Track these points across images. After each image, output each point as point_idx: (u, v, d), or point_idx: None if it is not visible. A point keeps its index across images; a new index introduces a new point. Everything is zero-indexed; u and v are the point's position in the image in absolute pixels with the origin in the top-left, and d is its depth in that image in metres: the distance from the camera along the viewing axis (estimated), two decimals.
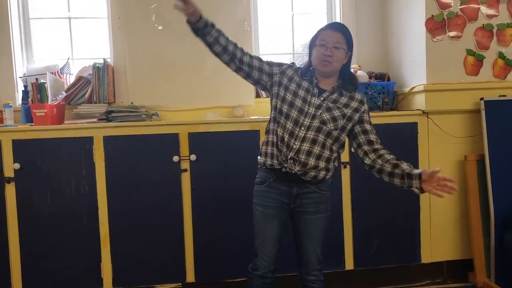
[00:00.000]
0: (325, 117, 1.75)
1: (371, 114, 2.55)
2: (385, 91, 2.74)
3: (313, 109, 1.75)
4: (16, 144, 2.32)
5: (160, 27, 2.79)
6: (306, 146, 1.73)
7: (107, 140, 2.37)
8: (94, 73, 2.68)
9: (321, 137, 1.74)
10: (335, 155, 1.82)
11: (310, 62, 1.84)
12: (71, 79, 2.80)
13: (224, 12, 2.80)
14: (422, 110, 2.58)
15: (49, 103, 2.54)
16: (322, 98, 1.78)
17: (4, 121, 2.45)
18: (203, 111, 2.78)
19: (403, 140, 2.58)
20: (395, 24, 2.92)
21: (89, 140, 2.36)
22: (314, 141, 1.74)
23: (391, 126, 2.55)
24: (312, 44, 1.83)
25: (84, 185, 2.37)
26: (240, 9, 2.84)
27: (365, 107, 1.84)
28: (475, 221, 2.58)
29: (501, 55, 2.62)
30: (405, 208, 2.60)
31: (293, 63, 1.89)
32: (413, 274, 2.65)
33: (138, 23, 2.77)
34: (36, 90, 2.60)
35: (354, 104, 1.80)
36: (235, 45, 1.80)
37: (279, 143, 1.76)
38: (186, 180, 2.42)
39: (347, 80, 1.82)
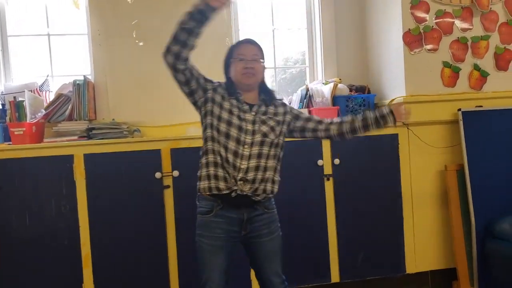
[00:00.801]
0: (265, 130, 1.74)
1: None
2: (366, 103, 2.78)
3: (250, 125, 1.73)
4: None
5: (141, 43, 2.79)
6: (253, 162, 1.70)
7: (88, 158, 2.34)
8: (75, 90, 2.64)
9: (265, 150, 1.73)
10: (279, 163, 1.81)
11: (230, 79, 1.81)
12: (51, 97, 2.76)
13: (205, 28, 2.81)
14: (402, 122, 2.61)
15: (27, 121, 2.50)
16: (253, 113, 1.76)
17: None
18: (185, 126, 2.77)
19: (384, 152, 2.61)
20: (374, 37, 2.98)
21: (70, 158, 2.33)
22: (259, 155, 1.72)
23: (372, 138, 2.58)
24: (228, 61, 1.82)
25: (65, 204, 2.33)
26: (221, 24, 2.86)
27: (288, 105, 1.90)
28: (457, 231, 2.62)
29: (476, 67, 2.69)
30: (388, 219, 2.62)
31: (219, 82, 1.83)
32: (398, 284, 2.67)
33: (119, 40, 2.76)
34: (14, 109, 2.54)
35: (280, 109, 1.84)
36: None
37: (224, 164, 1.70)
38: (169, 196, 2.40)
39: (267, 92, 1.84)
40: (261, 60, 1.80)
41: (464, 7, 2.66)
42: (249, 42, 1.82)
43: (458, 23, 2.66)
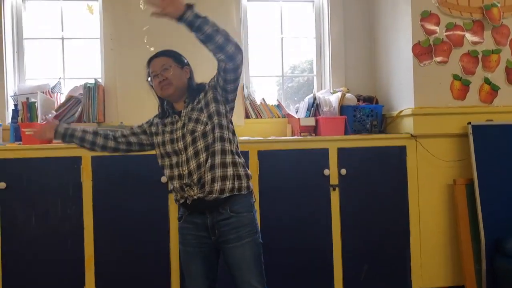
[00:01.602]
0: (190, 126, 1.68)
1: (360, 136, 2.61)
2: (373, 114, 2.76)
3: (180, 131, 1.71)
4: (3, 163, 2.30)
5: (152, 49, 2.83)
6: (192, 163, 1.66)
7: (95, 159, 2.36)
8: (85, 92, 2.69)
9: (199, 144, 1.66)
10: (229, 144, 1.69)
11: (160, 99, 1.80)
12: (62, 99, 2.81)
13: None
14: (411, 134, 2.59)
15: (38, 122, 2.54)
16: (183, 117, 1.72)
17: None
18: None
19: (392, 164, 2.58)
20: (383, 48, 2.98)
21: (78, 159, 2.35)
22: (196, 153, 1.66)
23: (380, 149, 2.56)
24: (150, 82, 1.78)
25: (71, 205, 2.34)
26: (230, 32, 2.87)
27: (205, 84, 1.78)
28: (465, 246, 2.56)
29: (487, 81, 2.66)
30: (395, 232, 2.58)
31: (155, 116, 1.87)
32: None
33: (130, 45, 2.81)
34: (26, 109, 2.60)
35: (201, 96, 1.74)
36: (103, 133, 1.87)
37: (174, 180, 1.72)
38: (172, 201, 2.38)
39: (191, 92, 1.76)
40: (175, 65, 1.73)
41: (475, 21, 2.65)
42: (155, 56, 1.77)
43: (469, 36, 2.65)
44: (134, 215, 2.37)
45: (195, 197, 1.66)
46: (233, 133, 1.77)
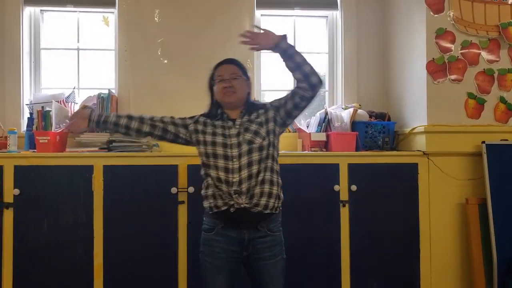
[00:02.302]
0: (248, 137, 1.75)
1: (371, 153, 2.59)
2: (386, 130, 2.74)
3: (235, 139, 1.75)
4: (18, 170, 2.34)
5: (165, 61, 2.86)
6: (244, 173, 1.71)
7: (107, 169, 2.38)
8: (99, 103, 2.73)
9: (255, 156, 1.73)
10: (275, 164, 1.78)
11: (215, 102, 1.87)
12: (76, 108, 2.85)
13: (228, 49, 2.87)
14: (423, 151, 2.57)
15: (52, 130, 2.58)
16: (237, 126, 1.79)
17: (8, 147, 2.49)
18: None
19: (403, 181, 2.56)
20: (396, 65, 2.96)
21: (89, 168, 2.38)
22: (250, 164, 1.72)
23: (391, 166, 2.54)
24: (211, 84, 1.86)
25: (81, 213, 2.36)
26: (243, 47, 2.89)
27: (268, 102, 1.87)
28: (477, 267, 2.51)
29: (502, 100, 2.62)
30: (405, 251, 2.54)
31: (201, 114, 1.90)
32: None
33: (144, 56, 2.86)
34: (41, 118, 2.65)
35: (261, 111, 1.83)
36: (138, 116, 1.88)
37: (216, 183, 1.73)
38: (183, 212, 2.41)
39: (250, 105, 1.85)
40: (242, 77, 1.83)
41: (491, 39, 2.62)
42: (227, 62, 1.86)
43: (485, 55, 2.62)
44: (144, 225, 2.38)
45: (242, 205, 1.69)
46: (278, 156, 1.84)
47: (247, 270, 1.81)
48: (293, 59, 1.74)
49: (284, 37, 1.74)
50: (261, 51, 1.75)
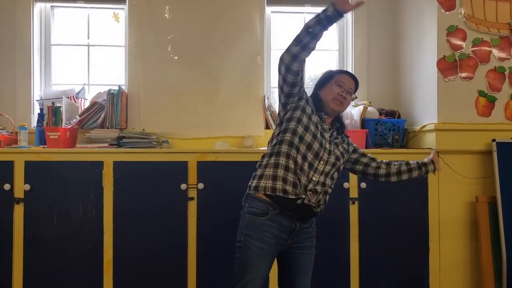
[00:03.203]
0: (338, 153, 1.84)
1: (381, 150, 2.59)
2: (396, 128, 2.74)
3: (328, 145, 1.81)
4: (28, 165, 2.35)
5: (175, 57, 2.87)
6: (323, 179, 1.77)
7: (117, 165, 2.39)
8: (109, 99, 2.73)
9: (333, 171, 1.81)
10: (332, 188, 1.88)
11: (318, 97, 1.88)
12: (86, 104, 2.86)
13: (238, 45, 2.87)
14: (433, 149, 2.55)
15: (63, 126, 2.59)
16: (329, 135, 1.85)
17: (19, 142, 2.50)
18: (213, 140, 2.81)
19: (413, 179, 2.53)
20: (407, 62, 2.95)
21: (100, 164, 2.39)
22: (327, 175, 1.79)
23: None
24: (325, 81, 1.88)
25: (91, 209, 2.38)
26: (253, 43, 2.91)
27: (349, 138, 2.00)
28: (486, 266, 2.51)
29: None
30: (414, 248, 2.54)
31: (309, 97, 1.88)
32: None
33: (154, 53, 2.86)
34: (51, 114, 2.66)
35: (346, 139, 1.96)
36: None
37: (297, 171, 1.72)
38: (192, 208, 2.42)
39: (342, 125, 1.96)
40: (353, 95, 1.91)
41: (503, 37, 2.61)
42: (352, 76, 1.92)
43: (496, 52, 2.61)
44: (153, 221, 2.39)
45: (310, 203, 1.74)
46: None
47: (282, 259, 1.83)
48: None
49: None
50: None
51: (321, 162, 1.76)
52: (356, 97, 1.98)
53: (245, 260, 1.71)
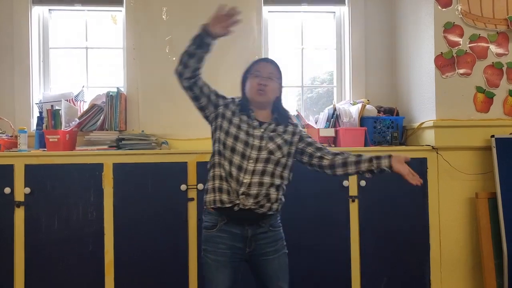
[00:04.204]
0: (271, 147, 1.75)
1: (380, 148, 2.58)
2: (394, 125, 2.74)
3: (257, 141, 1.74)
4: (28, 168, 2.36)
5: (174, 58, 2.87)
6: (256, 178, 1.70)
7: (117, 167, 2.40)
8: (108, 101, 2.74)
9: (270, 167, 1.72)
10: (285, 182, 1.80)
11: (245, 96, 1.85)
12: (85, 107, 2.86)
13: (236, 45, 2.87)
14: (432, 146, 2.56)
15: (62, 129, 2.60)
16: (262, 129, 1.78)
17: (19, 146, 2.51)
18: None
19: (362, 173, 2.51)
20: (404, 59, 2.96)
21: (99, 166, 2.39)
22: (263, 172, 1.71)
23: None
24: (245, 76, 1.85)
25: (92, 211, 2.38)
26: (251, 43, 2.92)
27: (299, 127, 1.89)
28: (487, 261, 2.51)
29: (511, 93, 2.61)
30: (414, 245, 2.54)
31: (233, 98, 1.87)
32: None
33: (152, 54, 2.86)
34: (50, 117, 2.66)
35: (289, 129, 1.84)
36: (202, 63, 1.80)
37: (228, 178, 1.71)
38: (192, 209, 2.42)
39: (281, 114, 1.86)
40: (277, 79, 1.82)
41: (500, 32, 2.61)
42: (268, 61, 1.86)
43: (493, 48, 2.61)
44: (154, 222, 2.40)
45: (246, 207, 1.68)
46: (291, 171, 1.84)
47: (250, 268, 1.81)
48: (358, 172, 1.81)
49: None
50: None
51: (250, 161, 1.70)
52: (280, 81, 1.85)
53: (206, 274, 1.76)
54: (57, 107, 2.69)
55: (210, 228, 1.76)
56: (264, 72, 1.80)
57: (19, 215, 2.34)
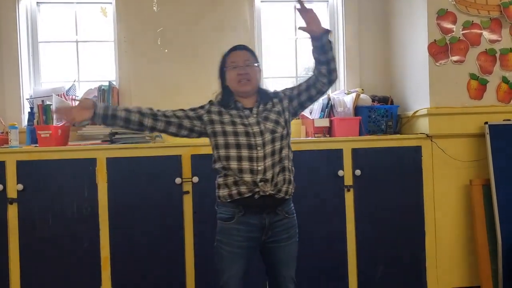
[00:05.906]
0: (270, 126, 1.73)
1: (375, 137, 2.59)
2: (389, 114, 2.74)
3: (256, 127, 1.73)
4: (20, 165, 2.33)
5: (165, 50, 2.84)
6: (268, 161, 1.70)
7: (110, 161, 2.38)
8: (100, 95, 2.71)
9: (277, 145, 1.73)
10: (291, 164, 1.79)
11: (226, 89, 1.82)
12: (76, 102, 2.83)
13: (228, 36, 2.85)
14: (426, 134, 2.57)
15: (54, 124, 2.56)
16: (255, 115, 1.76)
17: (10, 142, 2.47)
18: None
19: (407, 164, 2.56)
20: (398, 48, 2.95)
21: (93, 161, 2.37)
22: (273, 153, 1.72)
23: (395, 150, 2.54)
24: (222, 70, 1.82)
25: (86, 207, 2.36)
26: (243, 33, 2.89)
27: (280, 92, 1.86)
28: (481, 248, 2.53)
29: (505, 80, 2.62)
30: (410, 233, 2.56)
31: (210, 101, 1.85)
32: None
33: (144, 47, 2.83)
34: (41, 112, 2.63)
35: (276, 100, 1.82)
36: (150, 113, 1.76)
37: (238, 174, 1.70)
38: (188, 202, 2.41)
39: (262, 93, 1.83)
40: (255, 64, 1.80)
41: (493, 19, 2.60)
42: (240, 48, 1.82)
43: (486, 35, 2.61)
44: (149, 216, 2.39)
45: (267, 193, 1.69)
46: None
47: (262, 255, 1.82)
48: (326, 54, 1.74)
49: (329, 31, 1.76)
50: (304, 33, 1.75)
51: (258, 149, 1.70)
52: (258, 63, 1.82)
53: (219, 264, 1.76)
54: (48, 102, 2.66)
55: (226, 220, 1.74)
56: (240, 61, 1.76)
57: (13, 212, 2.32)
